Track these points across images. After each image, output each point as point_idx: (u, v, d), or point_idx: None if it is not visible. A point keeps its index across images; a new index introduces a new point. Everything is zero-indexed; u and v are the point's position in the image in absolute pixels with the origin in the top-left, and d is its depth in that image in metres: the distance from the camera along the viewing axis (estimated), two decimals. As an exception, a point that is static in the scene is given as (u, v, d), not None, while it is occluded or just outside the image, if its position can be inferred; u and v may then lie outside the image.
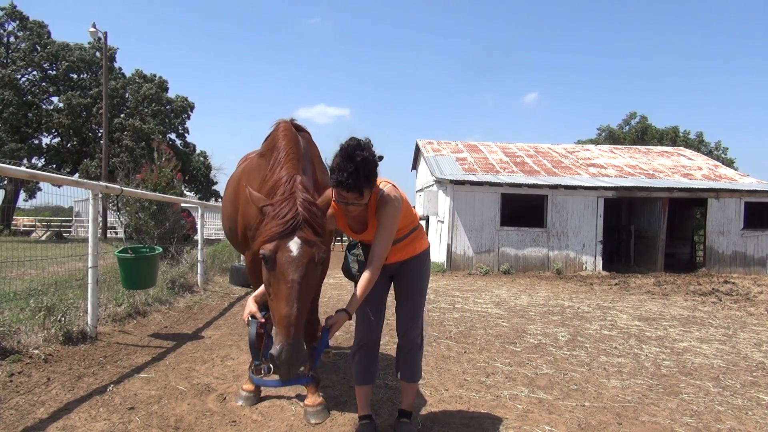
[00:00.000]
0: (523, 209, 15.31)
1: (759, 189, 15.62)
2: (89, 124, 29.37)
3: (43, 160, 29.97)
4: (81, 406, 3.30)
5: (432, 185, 16.63)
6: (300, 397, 3.52)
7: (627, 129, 41.64)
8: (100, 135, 27.91)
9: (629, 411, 3.57)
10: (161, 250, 6.12)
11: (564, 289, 10.87)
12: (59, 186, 5.37)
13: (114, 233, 19.23)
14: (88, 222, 5.18)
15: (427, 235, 15.97)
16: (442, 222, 15.32)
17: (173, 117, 32.14)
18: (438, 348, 5.22)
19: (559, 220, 14.85)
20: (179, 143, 32.42)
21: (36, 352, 4.20)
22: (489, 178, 15.42)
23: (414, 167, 22.83)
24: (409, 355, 2.99)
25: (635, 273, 14.53)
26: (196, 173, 31.62)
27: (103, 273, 6.46)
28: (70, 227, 31.39)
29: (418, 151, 21.14)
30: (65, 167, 29.31)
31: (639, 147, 24.48)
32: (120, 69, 31.89)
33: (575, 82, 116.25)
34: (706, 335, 6.28)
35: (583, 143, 32.08)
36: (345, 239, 3.09)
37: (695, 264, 17.09)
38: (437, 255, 15.31)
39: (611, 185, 15.25)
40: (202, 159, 33.13)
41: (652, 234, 15.94)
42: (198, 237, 9.33)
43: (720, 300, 9.55)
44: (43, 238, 23.46)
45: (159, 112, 30.66)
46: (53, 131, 29.90)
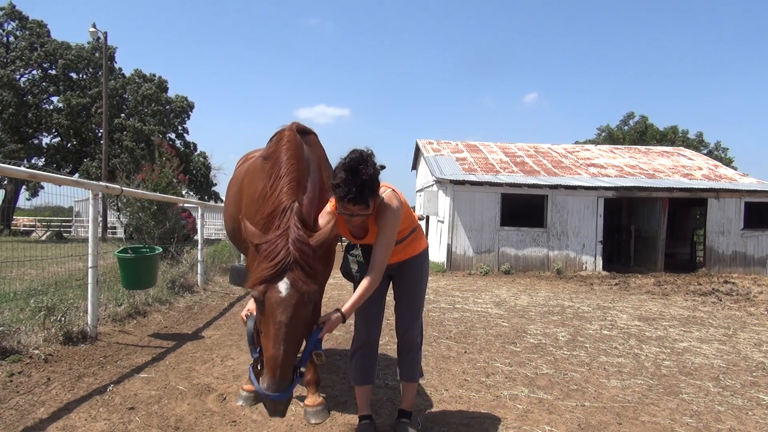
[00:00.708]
0: (523, 209, 15.31)
1: (759, 189, 15.62)
2: (89, 124, 29.37)
3: (43, 160, 29.97)
4: (81, 406, 3.30)
5: (432, 185, 16.63)
6: (300, 397, 3.52)
7: (626, 129, 41.64)
8: (100, 135, 27.92)
9: (629, 411, 3.57)
10: (161, 250, 6.12)
11: (564, 289, 10.87)
12: (59, 186, 5.37)
13: (112, 233, 19.23)
14: (88, 222, 5.18)
15: (427, 235, 16.00)
16: (442, 222, 15.32)
17: (173, 117, 32.16)
18: (438, 348, 5.22)
19: (559, 220, 14.85)
20: (179, 143, 32.42)
21: (36, 352, 4.19)
22: (489, 178, 15.41)
23: (414, 167, 22.83)
24: (409, 355, 2.99)
25: (635, 273, 14.53)
26: (196, 173, 31.61)
27: (103, 273, 6.46)
28: (70, 227, 31.39)
29: (418, 151, 21.14)
30: (65, 167, 29.33)
31: (639, 147, 24.48)
32: (120, 69, 31.90)
33: (575, 82, 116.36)
34: (706, 335, 6.28)
35: (583, 143, 32.07)
36: (344, 240, 3.08)
37: (695, 264, 17.09)
38: (437, 255, 15.31)
39: (611, 185, 15.25)
40: (202, 159, 33.12)
41: (652, 234, 15.94)
42: (198, 237, 9.33)
43: (720, 300, 9.55)
44: (43, 238, 23.46)
45: (159, 112, 30.67)
46: (53, 131, 29.91)
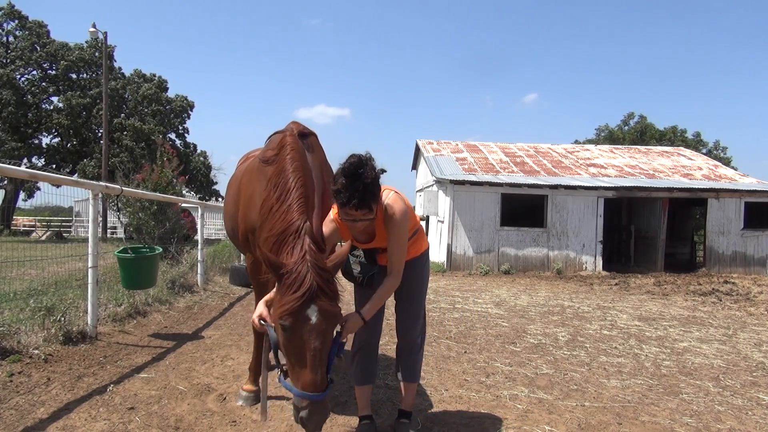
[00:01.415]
0: (523, 209, 15.31)
1: (759, 189, 15.62)
2: (89, 124, 29.36)
3: (43, 160, 29.98)
4: (81, 406, 3.30)
5: (432, 185, 16.63)
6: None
7: (626, 129, 41.64)
8: (99, 135, 27.91)
9: (629, 411, 3.57)
10: (161, 250, 6.12)
11: (564, 289, 10.87)
12: (59, 186, 5.37)
13: (112, 233, 19.22)
14: (88, 222, 5.18)
15: (427, 236, 15.97)
16: (442, 222, 15.32)
17: (173, 117, 32.13)
18: (438, 348, 5.22)
19: (559, 220, 14.85)
20: (179, 143, 32.41)
21: (36, 352, 4.19)
22: (489, 178, 15.41)
23: (414, 167, 22.83)
24: (410, 356, 2.99)
25: (635, 273, 14.53)
26: (196, 173, 31.59)
27: (103, 273, 6.46)
28: (70, 227, 31.38)
29: (418, 151, 21.13)
30: (65, 167, 29.31)
31: (639, 147, 24.48)
32: (120, 69, 31.90)
33: (575, 82, 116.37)
34: (706, 335, 6.28)
35: (583, 143, 32.07)
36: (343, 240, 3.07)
37: (695, 264, 17.09)
38: (437, 255, 15.31)
39: (611, 185, 15.25)
40: (202, 159, 33.11)
41: (652, 234, 15.94)
42: (198, 237, 9.33)
43: (720, 300, 9.55)
44: (43, 238, 23.45)
45: (158, 111, 30.65)
46: (53, 131, 29.91)
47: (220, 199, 29.28)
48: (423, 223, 16.48)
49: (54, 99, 30.05)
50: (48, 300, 4.94)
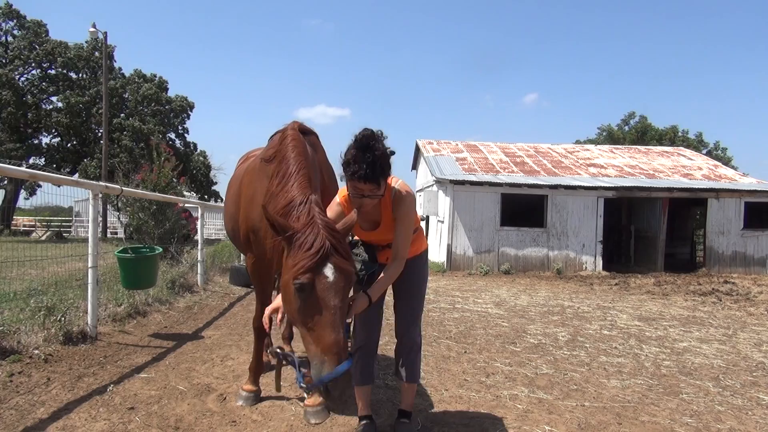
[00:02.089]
0: (523, 209, 15.31)
1: (759, 189, 15.62)
2: (89, 123, 29.36)
3: (43, 159, 29.97)
4: (81, 406, 3.30)
5: (432, 185, 16.63)
6: (300, 398, 3.52)
7: (626, 129, 41.64)
8: (99, 135, 27.91)
9: (629, 411, 3.57)
10: (161, 250, 6.12)
11: (564, 289, 10.87)
12: (59, 186, 5.37)
13: (113, 233, 19.21)
14: (88, 222, 5.18)
15: (427, 236, 15.96)
16: (442, 222, 15.32)
17: (173, 117, 32.13)
18: (438, 348, 5.22)
19: (559, 220, 14.85)
20: (179, 143, 32.41)
21: (36, 352, 4.19)
22: (489, 178, 15.41)
23: (414, 167, 22.83)
24: (410, 356, 2.99)
25: (635, 273, 14.52)
26: (196, 173, 31.58)
27: (103, 273, 6.45)
28: (70, 227, 31.36)
29: (418, 151, 21.13)
30: (65, 167, 29.31)
31: (639, 147, 24.48)
32: (120, 69, 31.90)
33: (575, 82, 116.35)
34: (706, 335, 6.28)
35: (583, 143, 32.07)
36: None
37: (695, 264, 17.08)
38: (437, 255, 15.31)
39: (611, 185, 15.25)
40: (202, 159, 33.11)
41: (652, 234, 15.94)
42: (198, 237, 9.33)
43: (720, 300, 9.55)
44: (43, 238, 23.44)
45: (158, 111, 30.65)
46: (53, 131, 29.90)
47: (219, 200, 29.25)
48: (423, 224, 16.48)
49: (53, 99, 30.07)
50: (48, 300, 4.94)
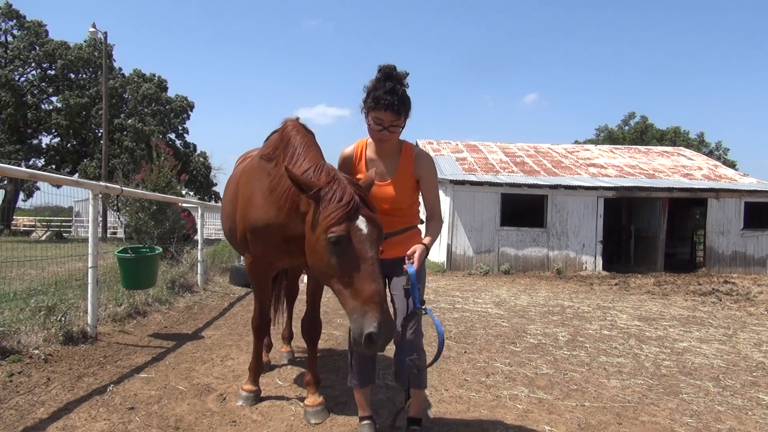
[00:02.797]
0: (523, 209, 15.31)
1: (759, 189, 15.62)
2: (88, 124, 29.36)
3: (43, 160, 29.98)
4: (81, 406, 3.30)
5: (432, 185, 16.60)
6: (300, 398, 3.52)
7: (627, 129, 41.64)
8: (99, 135, 27.91)
9: (629, 411, 3.57)
10: (161, 250, 6.11)
11: (564, 289, 10.87)
12: (59, 186, 5.38)
13: (113, 234, 19.21)
14: (88, 222, 5.18)
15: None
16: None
17: (173, 117, 32.15)
18: (438, 348, 5.21)
19: (559, 220, 14.85)
20: (179, 143, 32.43)
21: (36, 352, 4.19)
22: (489, 178, 15.41)
23: (414, 167, 22.79)
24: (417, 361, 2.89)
25: (635, 273, 14.53)
26: (196, 173, 31.60)
27: (103, 273, 6.45)
28: (70, 227, 31.36)
29: (418, 151, 21.11)
30: (65, 167, 29.32)
31: (639, 147, 24.48)
32: (119, 69, 31.90)
33: (575, 82, 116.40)
34: (706, 335, 6.28)
35: (583, 143, 32.06)
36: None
37: (695, 264, 17.09)
38: (437, 255, 15.30)
39: (611, 185, 15.25)
40: (202, 159, 33.12)
41: (652, 234, 15.94)
42: (198, 237, 9.33)
43: (720, 300, 9.55)
44: (43, 238, 23.44)
45: (158, 111, 30.66)
46: (52, 131, 29.90)
47: (219, 201, 29.27)
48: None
49: (53, 99, 30.08)
50: (48, 300, 4.94)
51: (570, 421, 3.33)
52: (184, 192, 12.68)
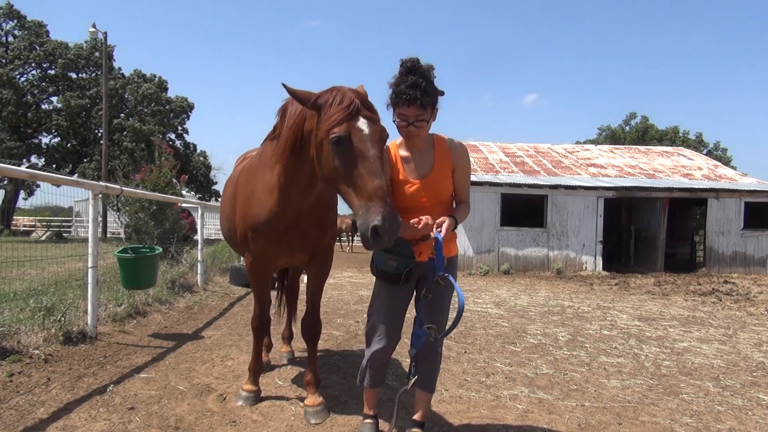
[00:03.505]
0: (523, 209, 15.31)
1: (759, 189, 15.62)
2: (88, 124, 29.36)
3: (43, 160, 29.98)
4: (81, 406, 3.30)
5: (432, 185, 16.60)
6: (300, 398, 3.52)
7: (627, 129, 41.67)
8: (99, 135, 27.92)
9: (629, 411, 3.57)
10: (161, 250, 6.11)
11: (564, 289, 10.87)
12: (59, 186, 5.37)
13: (113, 234, 19.21)
14: (88, 222, 5.18)
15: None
16: (442, 222, 15.31)
17: (173, 117, 32.15)
18: (438, 348, 5.22)
19: (559, 220, 14.85)
20: (179, 143, 32.43)
21: (36, 352, 4.19)
22: (489, 178, 15.41)
23: (414, 167, 22.80)
24: (427, 364, 2.82)
25: (635, 273, 14.53)
26: (196, 173, 31.60)
27: (103, 273, 6.45)
28: (70, 227, 31.35)
29: (418, 151, 21.11)
30: (65, 167, 29.32)
31: (639, 147, 24.48)
32: (119, 69, 31.91)
33: (575, 82, 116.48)
34: (706, 335, 6.28)
35: (583, 143, 32.07)
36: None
37: (695, 264, 17.09)
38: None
39: (611, 185, 15.25)
40: (202, 159, 33.12)
41: (652, 234, 15.94)
42: (198, 237, 9.33)
43: (720, 300, 9.55)
44: (43, 238, 23.43)
45: (158, 112, 30.66)
46: (53, 131, 29.91)
47: (219, 200, 29.27)
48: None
49: (53, 99, 30.08)
50: (48, 300, 4.94)
51: (570, 421, 3.33)
52: (184, 192, 12.68)
